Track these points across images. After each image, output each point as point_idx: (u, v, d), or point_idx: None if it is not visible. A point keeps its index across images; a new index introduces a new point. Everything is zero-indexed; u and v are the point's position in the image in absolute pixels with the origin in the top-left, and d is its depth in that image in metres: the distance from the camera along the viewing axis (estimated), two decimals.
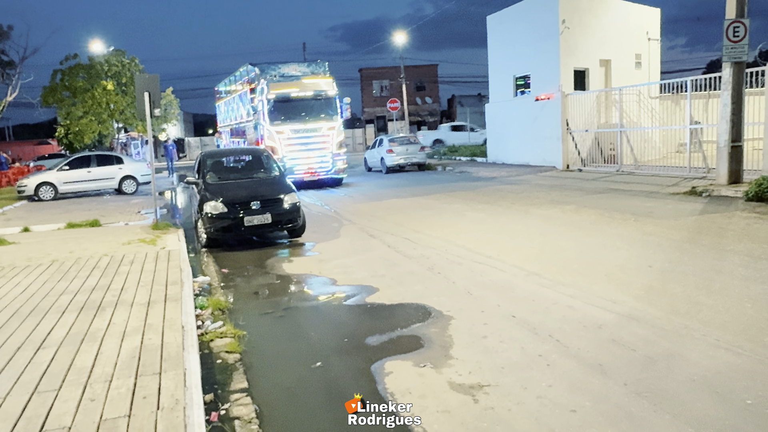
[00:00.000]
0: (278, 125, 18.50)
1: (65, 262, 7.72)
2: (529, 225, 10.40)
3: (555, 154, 20.83)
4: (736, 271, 6.55)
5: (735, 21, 11.70)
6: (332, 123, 19.16)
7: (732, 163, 12.20)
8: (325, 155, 19.08)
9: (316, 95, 19.12)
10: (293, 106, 18.76)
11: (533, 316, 5.50)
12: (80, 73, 25.14)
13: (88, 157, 21.16)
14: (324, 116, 19.12)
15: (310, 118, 18.91)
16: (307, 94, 19.00)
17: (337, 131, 19.26)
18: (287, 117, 18.64)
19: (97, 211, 15.38)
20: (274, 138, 18.51)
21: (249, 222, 9.58)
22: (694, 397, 3.75)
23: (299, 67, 20.35)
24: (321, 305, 6.52)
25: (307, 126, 18.79)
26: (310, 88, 19.12)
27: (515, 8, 23.61)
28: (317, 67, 20.43)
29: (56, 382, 3.72)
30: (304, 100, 18.95)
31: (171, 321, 4.89)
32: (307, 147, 18.80)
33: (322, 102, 19.16)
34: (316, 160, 19.00)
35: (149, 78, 11.67)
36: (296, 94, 18.83)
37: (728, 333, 4.76)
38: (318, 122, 18.97)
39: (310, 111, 19.02)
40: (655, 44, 24.46)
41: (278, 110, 18.56)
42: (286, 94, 18.68)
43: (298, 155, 18.72)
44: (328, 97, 19.26)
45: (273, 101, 18.51)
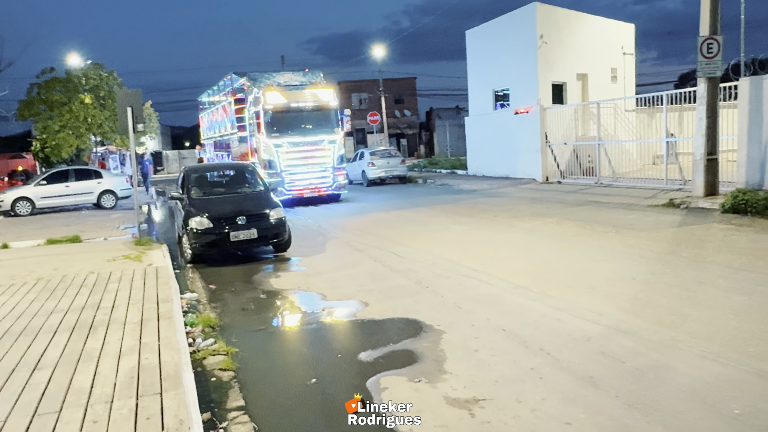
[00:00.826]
0: (276, 138, 17.32)
1: (51, 280, 7.63)
2: (513, 238, 10.53)
3: (534, 166, 21.10)
4: (718, 283, 6.72)
5: (709, 38, 12.04)
6: (333, 136, 18.03)
7: (708, 176, 12.50)
8: (326, 170, 17.94)
9: (317, 106, 17.99)
10: (292, 118, 17.63)
11: (523, 330, 5.59)
12: (57, 87, 24.87)
13: (66, 171, 20.92)
14: (325, 128, 18.01)
15: (310, 131, 17.79)
16: (307, 104, 17.89)
17: (338, 144, 18.14)
18: (286, 129, 17.49)
19: (76, 226, 15.19)
20: (271, 151, 17.34)
21: (235, 237, 9.56)
22: (685, 408, 3.85)
23: (294, 75, 19.42)
24: (312, 321, 6.53)
25: (307, 139, 17.64)
26: (311, 99, 17.99)
27: (494, 23, 23.98)
28: (313, 77, 19.50)
29: (56, 404, 3.69)
30: (303, 111, 17.85)
31: (166, 339, 4.87)
32: (307, 161, 17.62)
33: (323, 113, 18.09)
34: (317, 175, 17.85)
35: (132, 93, 11.63)
36: (296, 105, 17.71)
37: (714, 344, 4.88)
38: (318, 135, 17.82)
39: (310, 123, 17.92)
40: (630, 58, 25.04)
41: (276, 121, 17.40)
42: (285, 104, 17.53)
43: (297, 170, 17.55)
44: (329, 108, 18.18)
45: (271, 112, 17.32)
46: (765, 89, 12.35)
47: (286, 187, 17.12)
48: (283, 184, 16.76)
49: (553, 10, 22.06)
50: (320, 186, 17.93)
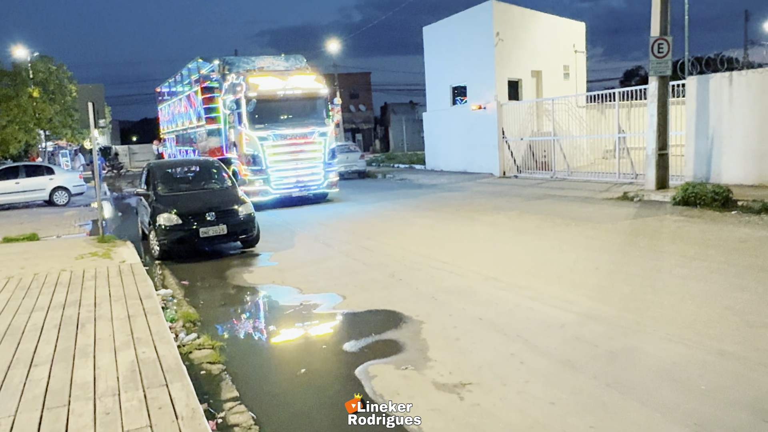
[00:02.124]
0: (261, 130, 15.30)
1: (23, 279, 7.49)
2: (477, 231, 10.85)
3: (492, 161, 21.58)
4: (674, 271, 7.15)
5: (659, 38, 12.62)
6: (324, 127, 16.13)
7: (659, 170, 13.11)
8: (317, 166, 16.02)
9: (306, 94, 16.09)
10: (279, 107, 15.73)
11: (498, 318, 5.85)
12: (4, 80, 24.02)
13: (16, 167, 20.28)
14: (314, 119, 16.14)
15: (298, 122, 15.84)
16: (295, 92, 15.92)
17: (329, 137, 16.24)
18: (271, 120, 15.54)
19: (30, 224, 14.81)
20: (255, 145, 15.27)
21: (204, 233, 9.55)
22: (657, 386, 4.16)
23: (276, 60, 17.36)
24: (292, 314, 6.64)
25: (296, 131, 15.67)
26: (299, 86, 16.02)
27: (451, 20, 24.33)
28: (297, 61, 17.53)
29: (63, 398, 3.73)
30: (291, 100, 15.93)
31: (159, 334, 4.92)
32: (296, 156, 15.69)
33: (312, 102, 16.26)
34: (306, 172, 15.94)
35: (93, 88, 11.42)
36: (282, 93, 15.72)
37: (676, 327, 5.25)
38: (308, 126, 15.86)
39: (299, 113, 16.03)
40: (581, 56, 25.84)
41: (260, 111, 15.36)
42: (271, 91, 15.53)
43: (284, 166, 15.63)
44: (319, 96, 16.33)
45: (254, 100, 15.25)
46: (711, 88, 13.03)
47: (273, 185, 15.59)
48: (269, 182, 15.51)
49: (509, 8, 22.56)
50: (310, 184, 16.16)
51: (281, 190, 15.74)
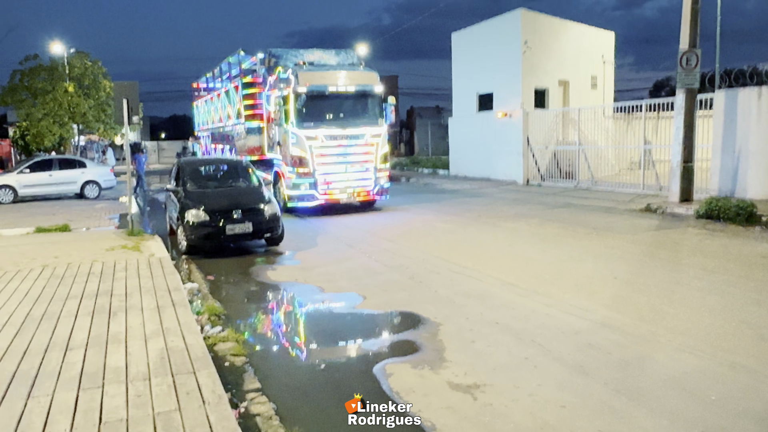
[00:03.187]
0: (310, 128, 14.16)
1: (57, 268, 7.82)
2: (498, 237, 10.95)
3: (516, 168, 21.62)
4: (693, 284, 7.19)
5: (688, 51, 12.59)
6: (378, 128, 14.88)
7: (684, 183, 13.07)
8: (368, 170, 14.74)
9: (360, 91, 14.82)
10: (330, 105, 14.65)
11: (514, 323, 5.97)
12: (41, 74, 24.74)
13: (50, 160, 20.87)
14: (368, 119, 14.92)
15: (350, 122, 14.66)
16: (348, 89, 14.67)
17: (382, 139, 14.95)
18: (322, 118, 14.43)
19: (62, 215, 15.23)
20: (303, 145, 14.06)
21: (231, 230, 9.80)
22: (666, 394, 4.26)
23: (326, 54, 15.93)
24: (313, 312, 6.84)
25: (347, 131, 14.47)
26: (353, 82, 14.73)
27: (480, 27, 24.42)
28: (348, 56, 16.12)
29: (97, 380, 3.96)
30: (344, 97, 14.77)
31: (187, 325, 5.15)
32: (346, 159, 14.49)
33: (367, 101, 15.02)
34: (356, 176, 14.69)
35: (128, 85, 11.77)
36: (335, 89, 14.51)
37: (690, 339, 5.32)
38: (360, 127, 14.67)
39: (351, 112, 14.86)
40: (609, 66, 25.73)
41: (311, 109, 14.22)
42: (322, 88, 14.35)
43: (333, 169, 14.40)
44: (373, 94, 15.05)
45: (305, 96, 14.09)
46: (739, 102, 12.96)
47: (319, 191, 14.33)
48: (316, 186, 14.28)
49: (538, 17, 22.58)
50: (360, 190, 14.78)
51: (328, 197, 14.50)
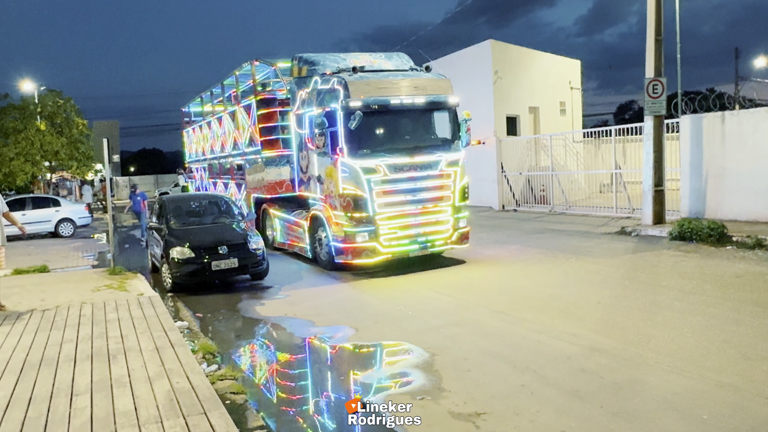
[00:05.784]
0: (366, 157, 10.18)
1: (46, 311, 7.74)
2: (480, 266, 11.13)
3: (491, 195, 21.98)
4: (674, 305, 7.45)
5: (654, 79, 13.13)
6: (454, 154, 10.88)
7: (656, 206, 13.49)
8: (445, 211, 10.77)
9: (432, 103, 10.90)
10: (392, 123, 10.68)
11: (507, 351, 6.12)
12: (12, 113, 24.54)
13: (23, 199, 20.60)
14: (441, 142, 11.03)
15: (419, 146, 10.70)
16: (416, 101, 10.66)
17: (462, 169, 10.94)
18: (381, 142, 10.48)
19: (38, 255, 15.03)
20: (359, 180, 10.11)
21: (216, 266, 9.82)
22: (660, 415, 4.43)
23: (374, 58, 11.95)
24: (308, 346, 6.90)
25: (416, 160, 10.44)
26: (421, 92, 10.76)
27: (452, 57, 24.96)
28: (402, 61, 12.13)
29: (109, 425, 3.97)
30: (409, 113, 10.81)
31: (189, 365, 5.18)
32: (416, 196, 10.49)
33: (440, 117, 11.19)
34: (430, 220, 10.68)
35: (108, 125, 12.06)
36: (398, 102, 10.49)
37: (677, 360, 5.53)
38: (433, 153, 10.67)
39: (419, 132, 11.01)
40: (576, 92, 26.51)
41: (366, 130, 10.26)
42: (384, 101, 10.35)
43: (398, 209, 10.41)
44: (448, 107, 11.13)
45: (360, 114, 9.95)
46: (704, 127, 13.49)
47: (383, 241, 10.34)
48: (378, 236, 10.31)
49: (507, 47, 23.26)
50: (434, 238, 10.78)
51: (395, 249, 10.51)
